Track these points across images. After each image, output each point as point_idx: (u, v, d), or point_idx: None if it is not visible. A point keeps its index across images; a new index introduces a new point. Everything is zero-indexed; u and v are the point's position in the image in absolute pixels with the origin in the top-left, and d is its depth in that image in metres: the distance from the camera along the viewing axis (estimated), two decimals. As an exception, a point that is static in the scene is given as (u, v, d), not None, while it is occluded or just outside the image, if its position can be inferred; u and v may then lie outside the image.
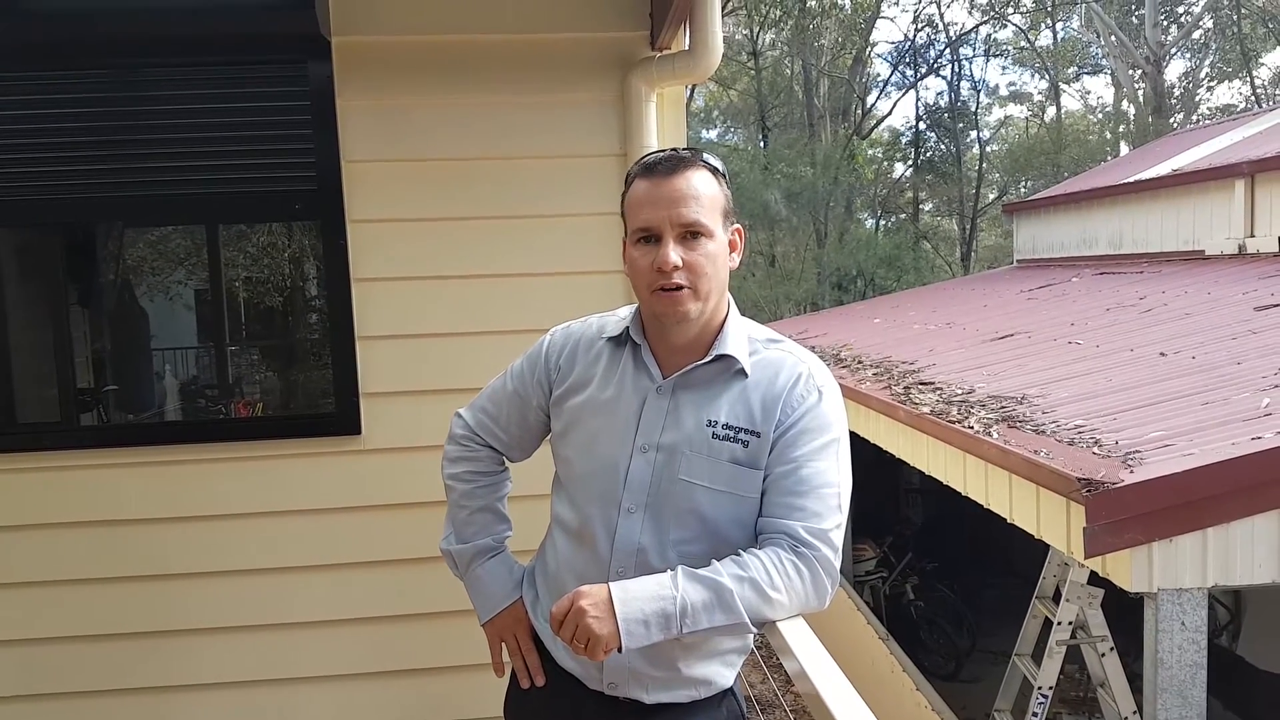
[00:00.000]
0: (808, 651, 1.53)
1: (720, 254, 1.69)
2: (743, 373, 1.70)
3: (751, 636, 1.74)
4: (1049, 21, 27.59)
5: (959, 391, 5.40)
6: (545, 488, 1.90)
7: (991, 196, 26.86)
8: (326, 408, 3.00)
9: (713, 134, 28.98)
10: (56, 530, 2.90)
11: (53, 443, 2.90)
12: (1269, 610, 6.13)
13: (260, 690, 2.99)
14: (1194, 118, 25.12)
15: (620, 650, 1.52)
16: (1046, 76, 28.02)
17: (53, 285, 2.93)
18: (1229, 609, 6.46)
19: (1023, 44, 27.99)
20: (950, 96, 27.17)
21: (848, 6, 26.70)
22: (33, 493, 2.89)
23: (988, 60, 31.67)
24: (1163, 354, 5.25)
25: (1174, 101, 26.02)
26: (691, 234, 1.65)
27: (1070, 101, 30.25)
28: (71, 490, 2.90)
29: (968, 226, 26.33)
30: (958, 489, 4.80)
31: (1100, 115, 29.34)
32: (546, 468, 1.89)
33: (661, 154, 1.72)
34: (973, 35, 27.35)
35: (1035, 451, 3.85)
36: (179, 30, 2.80)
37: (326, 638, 3.01)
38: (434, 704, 3.05)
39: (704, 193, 1.67)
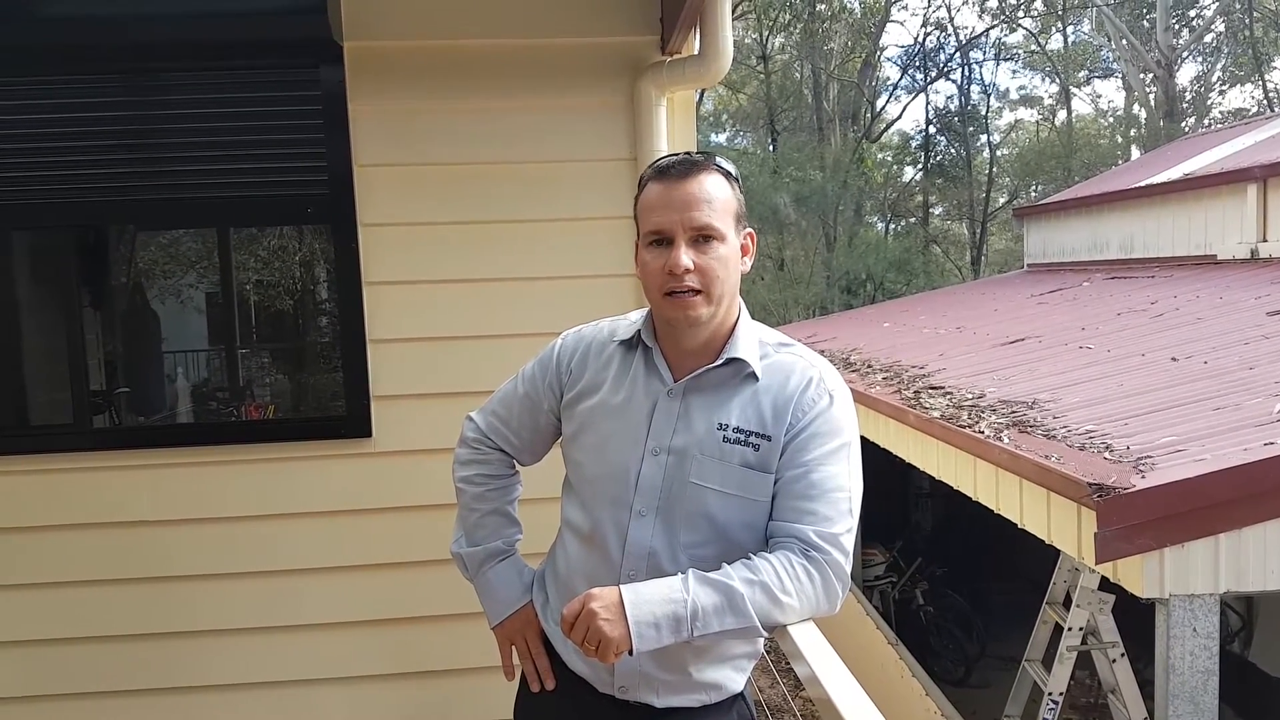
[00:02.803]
0: (818, 656, 1.53)
1: (732, 258, 1.69)
2: (754, 376, 1.71)
3: (762, 641, 1.74)
4: (1059, 25, 27.53)
5: (969, 396, 5.39)
6: (555, 491, 1.90)
7: (1002, 200, 26.79)
8: (337, 411, 3.01)
9: (722, 138, 28.97)
10: (69, 532, 2.91)
11: (64, 445, 2.92)
12: (1281, 616, 6.10)
13: (271, 692, 3.00)
14: (1206, 122, 25.03)
15: (631, 653, 1.52)
16: (1057, 80, 27.95)
17: (65, 288, 2.95)
18: (1241, 615, 6.43)
19: (1033, 48, 27.93)
20: (960, 100, 27.13)
21: (857, 10, 26.69)
22: (45, 495, 2.91)
23: (998, 64, 31.80)
24: (1174, 359, 5.23)
25: (1185, 105, 25.94)
26: (704, 237, 1.65)
27: (1081, 105, 30.20)
28: (83, 492, 2.91)
29: (978, 230, 26.27)
30: (968, 494, 4.79)
31: (1111, 119, 29.28)
32: (556, 471, 1.89)
33: (675, 157, 1.72)
34: (983, 39, 27.33)
35: (1046, 456, 3.83)
36: (192, 35, 2.82)
37: (336, 640, 3.02)
38: (444, 707, 3.06)
39: (717, 196, 1.67)
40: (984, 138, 27.34)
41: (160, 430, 3.17)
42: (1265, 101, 25.21)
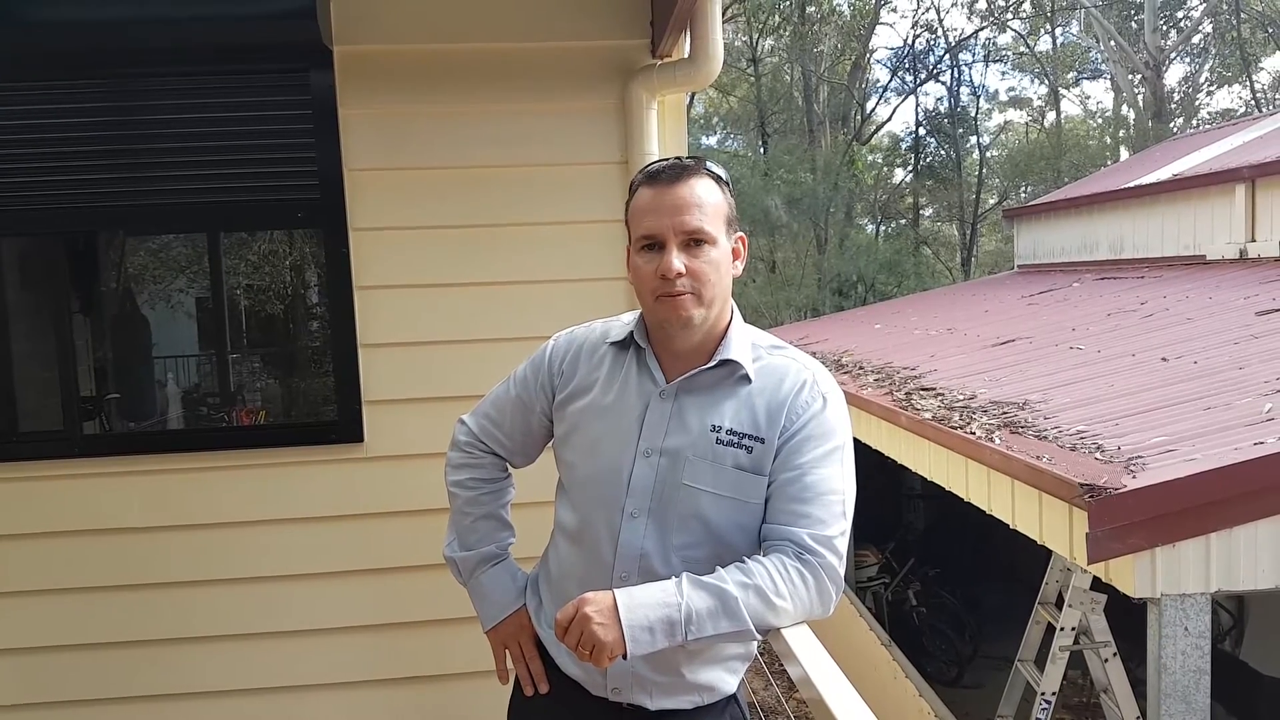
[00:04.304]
0: (812, 657, 1.53)
1: (723, 261, 1.69)
2: (746, 378, 1.71)
3: (755, 643, 1.74)
4: (1048, 27, 27.62)
5: (961, 397, 5.40)
6: (548, 495, 1.90)
7: (992, 202, 26.86)
8: (329, 415, 3.00)
9: (713, 140, 29.02)
10: (59, 539, 2.90)
11: (55, 451, 2.90)
12: (1272, 615, 6.12)
13: (263, 698, 2.99)
14: (1194, 122, 25.14)
15: (625, 657, 1.52)
16: (1046, 82, 28.04)
17: (55, 293, 2.93)
18: (1232, 614, 6.45)
19: (1022, 49, 28.01)
20: (950, 102, 27.21)
21: (846, 13, 26.74)
22: (35, 501, 2.89)
23: (987, 65, 31.78)
24: (1164, 359, 5.25)
25: (1174, 106, 26.04)
26: (695, 241, 1.66)
27: (1070, 106, 30.30)
28: (73, 499, 2.90)
29: (968, 232, 26.33)
30: (960, 495, 4.80)
31: (1100, 120, 29.36)
32: (549, 475, 1.89)
33: (665, 162, 1.73)
34: (972, 41, 27.41)
35: (1037, 457, 3.84)
36: (182, 40, 2.81)
37: (329, 646, 3.01)
38: (438, 712, 3.05)
39: (708, 200, 1.67)
40: (973, 139, 27.42)
41: (151, 436, 3.16)
42: (1253, 102, 25.34)
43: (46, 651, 2.93)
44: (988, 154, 27.77)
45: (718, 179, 1.72)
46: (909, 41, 27.59)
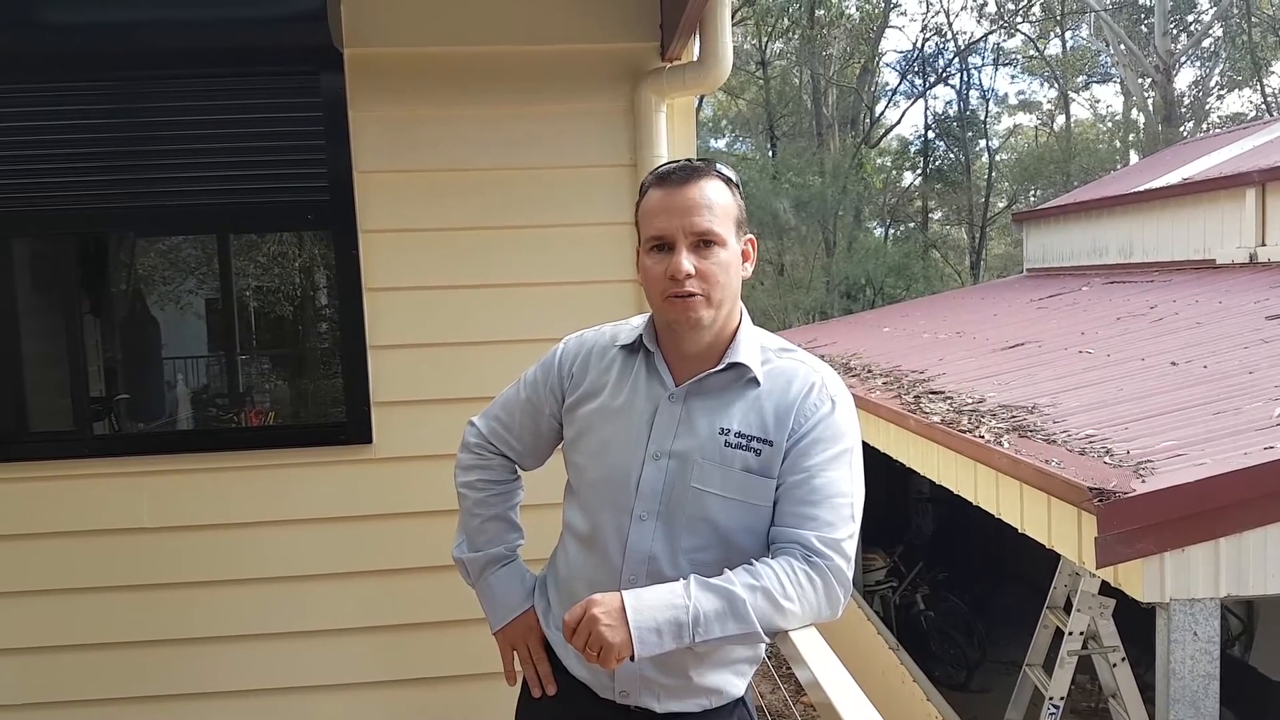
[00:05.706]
0: (820, 660, 1.53)
1: (733, 263, 1.70)
2: (755, 381, 1.71)
3: (763, 646, 1.75)
4: (1058, 30, 27.59)
5: (969, 401, 5.39)
6: (556, 496, 1.90)
7: (1001, 205, 26.83)
8: (338, 416, 3.01)
9: (721, 143, 29.01)
10: (69, 539, 2.91)
11: (65, 452, 2.91)
12: (1282, 621, 6.10)
13: (272, 698, 2.99)
14: (1204, 126, 25.07)
15: (633, 659, 1.52)
16: (1056, 85, 27.99)
17: (65, 294, 2.94)
18: (1241, 619, 6.43)
19: (1032, 53, 27.98)
20: (959, 105, 27.19)
21: (856, 16, 26.74)
22: (45, 501, 2.90)
23: (996, 69, 31.83)
24: (1174, 363, 5.24)
25: (1184, 110, 25.97)
26: (704, 243, 1.66)
27: (1079, 110, 30.26)
28: (83, 499, 2.91)
29: (977, 235, 26.29)
30: (968, 498, 4.79)
31: (1110, 124, 29.34)
32: (558, 477, 1.89)
33: (675, 164, 1.73)
34: (981, 44, 27.39)
35: (1046, 461, 3.84)
36: (192, 42, 2.82)
37: (338, 646, 3.01)
38: (445, 713, 3.05)
39: (717, 202, 1.68)
40: (983, 143, 27.40)
41: (160, 437, 3.17)
42: (1263, 105, 25.27)
43: (56, 651, 2.94)
44: (997, 157, 27.75)
45: (728, 181, 1.72)
46: (918, 45, 27.61)
